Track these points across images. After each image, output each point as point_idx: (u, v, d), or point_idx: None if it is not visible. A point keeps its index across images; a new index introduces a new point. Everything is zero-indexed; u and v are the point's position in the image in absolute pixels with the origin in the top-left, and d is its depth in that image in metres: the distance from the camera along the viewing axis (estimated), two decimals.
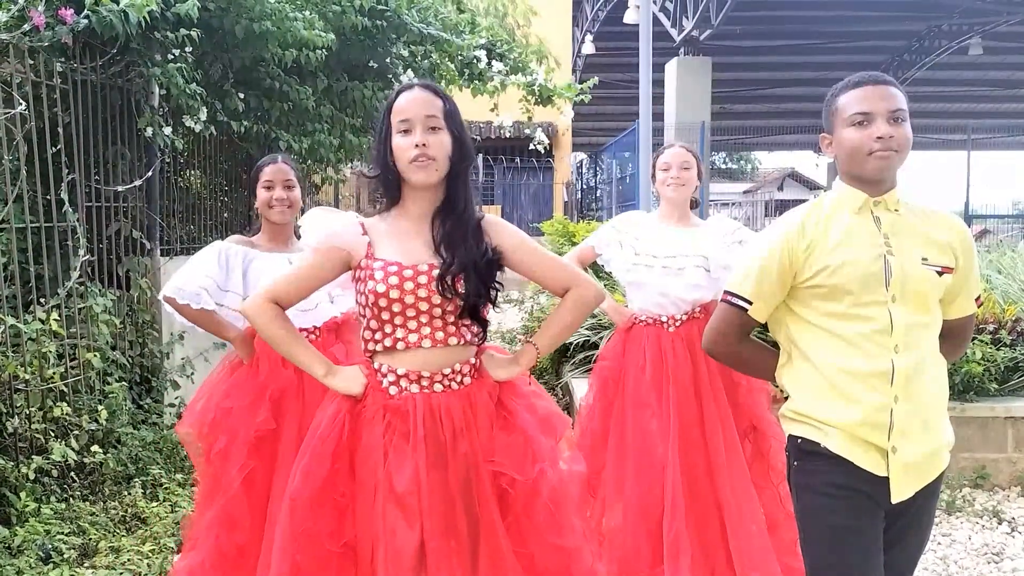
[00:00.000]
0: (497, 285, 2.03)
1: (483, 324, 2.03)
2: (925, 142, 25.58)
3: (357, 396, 1.99)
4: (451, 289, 1.93)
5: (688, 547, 2.99)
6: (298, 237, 3.07)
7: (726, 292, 2.05)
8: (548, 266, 2.10)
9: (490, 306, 2.03)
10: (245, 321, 2.77)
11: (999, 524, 4.10)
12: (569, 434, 2.20)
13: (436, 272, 1.93)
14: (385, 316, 1.95)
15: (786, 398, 2.05)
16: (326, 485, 1.95)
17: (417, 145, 1.92)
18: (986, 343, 4.64)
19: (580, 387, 4.84)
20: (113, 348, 4.42)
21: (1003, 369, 4.66)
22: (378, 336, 1.98)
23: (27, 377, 3.73)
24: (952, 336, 2.07)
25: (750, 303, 2.00)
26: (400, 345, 1.96)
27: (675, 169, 3.20)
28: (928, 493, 1.98)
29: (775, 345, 2.11)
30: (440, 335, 1.97)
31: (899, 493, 1.91)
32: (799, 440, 1.99)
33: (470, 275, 1.94)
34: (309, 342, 2.30)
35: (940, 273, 1.93)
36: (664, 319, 3.19)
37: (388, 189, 2.02)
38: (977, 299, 2.08)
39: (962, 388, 4.51)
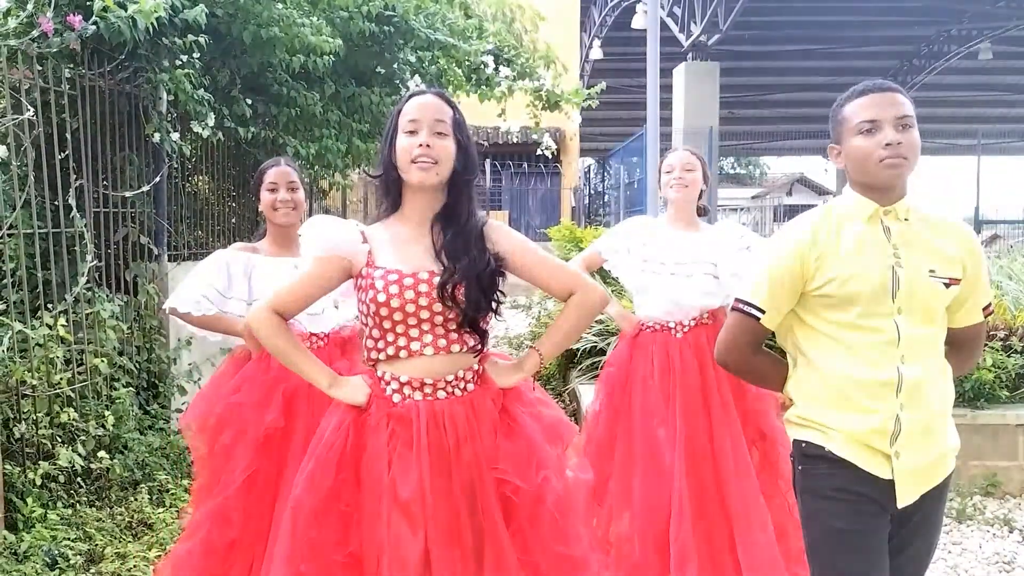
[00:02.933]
0: (499, 295, 2.02)
1: (482, 334, 2.02)
2: (935, 147, 25.48)
3: (361, 406, 1.98)
4: (451, 298, 1.92)
5: (695, 555, 2.97)
6: None
7: (738, 300, 2.03)
8: (551, 270, 2.09)
9: (491, 316, 2.01)
10: None
11: (1010, 532, 4.07)
12: (576, 441, 2.18)
13: (437, 279, 1.93)
14: (387, 325, 1.95)
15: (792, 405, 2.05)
16: (331, 494, 1.94)
17: (421, 145, 1.92)
18: (997, 350, 4.61)
19: (587, 393, 4.82)
20: (120, 353, 4.42)
21: (1014, 376, 4.63)
22: (380, 345, 1.97)
23: (34, 382, 3.74)
24: (961, 346, 2.06)
25: (763, 312, 1.98)
26: (403, 353, 1.95)
27: (678, 171, 3.20)
28: (934, 498, 1.97)
29: (782, 353, 2.10)
30: (442, 342, 1.96)
31: (904, 497, 1.91)
32: (803, 444, 1.98)
33: (471, 285, 1.93)
34: (312, 351, 2.30)
35: (947, 285, 1.93)
36: (672, 325, 3.17)
37: (388, 191, 2.03)
38: (987, 308, 2.06)
39: (973, 395, 4.48)
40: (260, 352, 2.78)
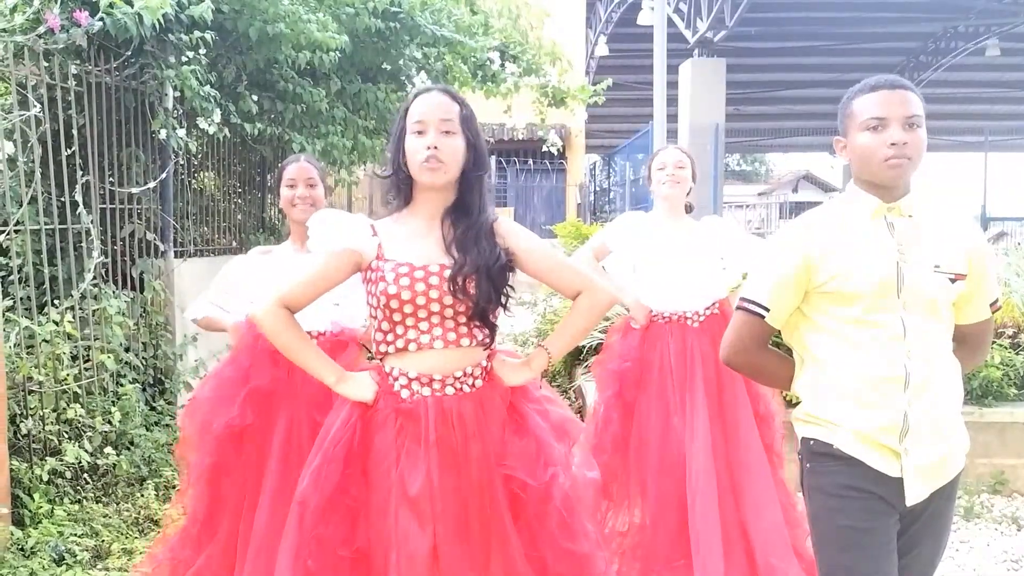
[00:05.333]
0: (509, 289, 2.02)
1: (492, 328, 2.02)
2: (942, 144, 25.39)
3: (368, 403, 1.98)
4: (462, 290, 1.92)
5: (719, 541, 3.01)
6: None
7: (743, 299, 2.02)
8: (559, 269, 2.09)
9: (500, 310, 2.02)
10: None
11: (1018, 531, 4.05)
12: (583, 438, 2.18)
13: (447, 272, 1.93)
14: (397, 317, 1.95)
15: (797, 403, 2.04)
16: (338, 490, 1.94)
17: (429, 147, 1.91)
18: (1005, 347, 4.59)
19: (593, 390, 4.81)
20: (127, 350, 4.43)
21: (1022, 374, 4.61)
22: (389, 338, 1.97)
23: (41, 379, 3.74)
24: (969, 342, 2.04)
25: (767, 310, 1.97)
26: (412, 347, 1.95)
27: (670, 167, 3.31)
28: (944, 496, 1.96)
29: (787, 351, 2.09)
30: (452, 336, 1.96)
31: (913, 495, 1.89)
32: (811, 442, 1.97)
33: (481, 278, 1.93)
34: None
35: (953, 280, 1.91)
36: (689, 314, 3.26)
37: (399, 190, 2.02)
38: (994, 304, 2.06)
39: (980, 393, 4.46)
40: (236, 349, 2.84)
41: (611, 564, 2.11)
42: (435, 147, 1.91)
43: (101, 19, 3.98)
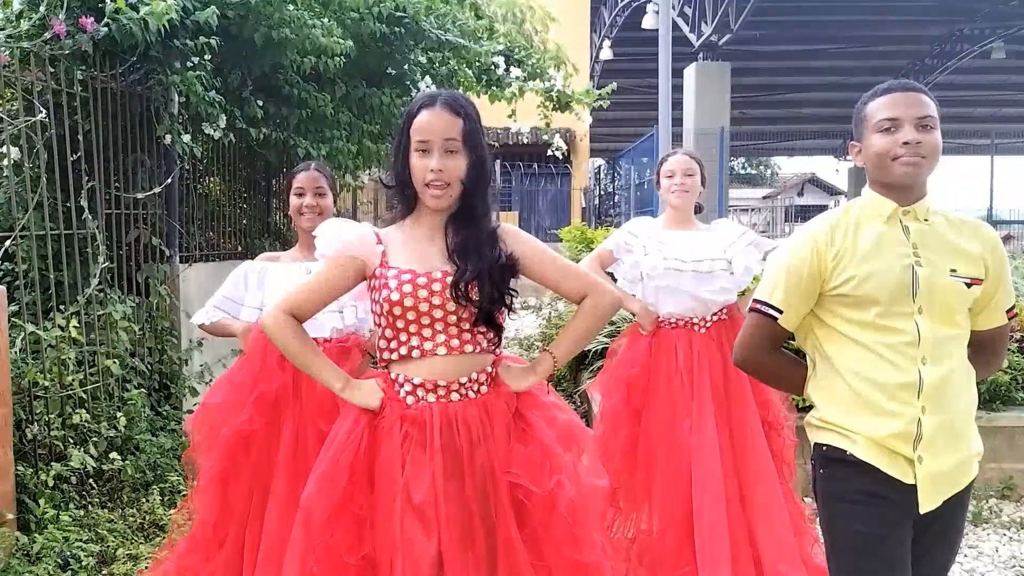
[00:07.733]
0: (512, 291, 2.01)
1: (498, 330, 2.01)
2: (948, 146, 25.22)
3: (374, 410, 1.98)
4: (465, 296, 1.91)
5: (727, 548, 3.00)
6: None
7: (755, 301, 2.01)
8: (564, 274, 2.08)
9: (506, 311, 2.01)
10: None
11: None
12: (591, 444, 2.17)
13: (450, 279, 1.92)
14: (400, 324, 1.94)
15: (809, 407, 2.02)
16: (344, 497, 1.93)
17: (433, 170, 1.92)
18: (1013, 352, 4.56)
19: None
20: (132, 355, 4.43)
21: None
22: (393, 345, 1.97)
23: (47, 384, 3.74)
24: (984, 349, 2.03)
25: (780, 312, 1.96)
26: (415, 353, 1.95)
27: (679, 176, 3.28)
28: (957, 504, 1.94)
29: (800, 355, 2.08)
30: (455, 343, 1.95)
31: (927, 502, 1.88)
32: (824, 448, 1.96)
33: (484, 282, 1.93)
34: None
35: (969, 285, 1.90)
36: (696, 320, 3.24)
37: (404, 201, 2.03)
38: (1011, 310, 2.04)
39: (989, 397, 4.44)
40: (247, 354, 2.83)
41: (619, 573, 2.08)
42: (440, 169, 1.91)
43: (107, 25, 3.99)
